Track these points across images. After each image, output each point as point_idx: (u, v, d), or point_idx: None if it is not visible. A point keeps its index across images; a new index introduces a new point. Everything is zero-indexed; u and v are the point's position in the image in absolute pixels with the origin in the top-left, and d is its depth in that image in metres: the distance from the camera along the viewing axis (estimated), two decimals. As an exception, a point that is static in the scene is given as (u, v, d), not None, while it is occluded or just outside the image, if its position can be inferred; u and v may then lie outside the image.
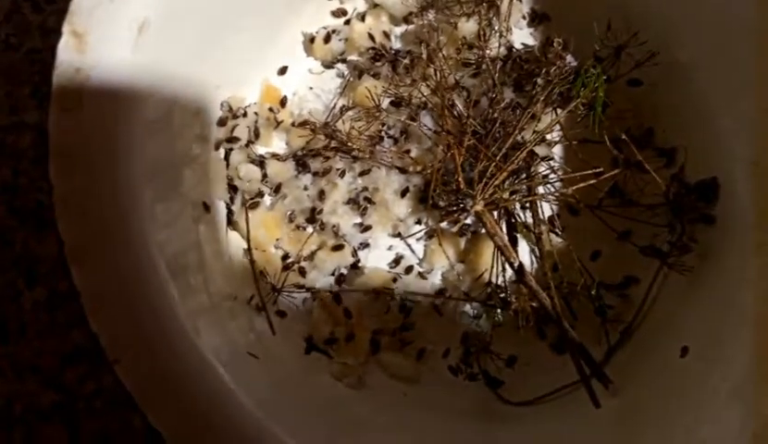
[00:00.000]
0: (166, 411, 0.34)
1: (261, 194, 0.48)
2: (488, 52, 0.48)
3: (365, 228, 0.49)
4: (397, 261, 0.50)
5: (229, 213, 0.47)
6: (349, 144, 0.48)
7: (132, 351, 0.33)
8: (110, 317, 0.34)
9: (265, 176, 0.48)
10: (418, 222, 0.50)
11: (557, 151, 0.50)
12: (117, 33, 0.35)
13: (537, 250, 0.49)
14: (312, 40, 0.50)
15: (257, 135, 0.49)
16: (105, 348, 0.33)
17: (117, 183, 0.35)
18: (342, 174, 0.49)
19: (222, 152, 0.48)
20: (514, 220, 0.49)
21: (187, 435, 0.34)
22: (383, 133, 0.49)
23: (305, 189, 0.49)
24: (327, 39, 0.50)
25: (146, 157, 0.37)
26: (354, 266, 0.49)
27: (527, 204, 0.49)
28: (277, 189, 0.48)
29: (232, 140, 0.47)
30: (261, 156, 0.49)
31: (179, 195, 0.41)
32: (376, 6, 0.50)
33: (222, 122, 0.47)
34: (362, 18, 0.50)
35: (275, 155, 0.49)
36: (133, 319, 0.34)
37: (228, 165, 0.48)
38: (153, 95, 0.37)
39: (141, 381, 0.33)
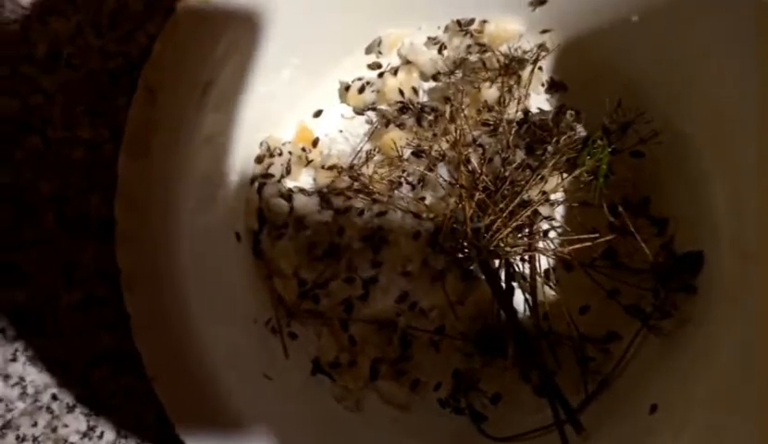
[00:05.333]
0: (192, 424, 0.38)
1: (286, 226, 0.52)
2: (505, 116, 0.52)
3: (377, 264, 0.53)
4: (402, 297, 0.53)
5: (256, 241, 0.51)
6: (370, 187, 0.52)
7: (168, 371, 0.38)
8: (152, 339, 0.38)
9: (291, 209, 0.52)
10: (425, 263, 0.53)
11: (559, 211, 0.54)
12: (184, 92, 0.39)
13: (530, 300, 0.52)
14: (347, 88, 0.54)
15: (288, 171, 0.52)
16: (146, 366, 0.37)
17: (167, 221, 0.39)
18: (361, 213, 0.52)
19: (256, 185, 0.51)
20: (512, 271, 0.53)
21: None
22: (402, 179, 0.53)
23: (326, 223, 0.52)
24: (361, 89, 0.53)
25: (193, 193, 0.41)
26: (363, 298, 0.53)
27: (527, 257, 0.53)
28: (300, 221, 0.52)
29: (267, 176, 0.51)
30: (290, 190, 0.52)
31: (216, 223, 0.45)
32: (408, 62, 0.54)
33: (260, 160, 0.51)
34: (395, 72, 0.54)
35: (302, 190, 0.53)
36: (171, 341, 0.39)
37: (260, 198, 0.51)
38: (208, 145, 0.41)
39: (174, 397, 0.38)
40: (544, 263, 0.54)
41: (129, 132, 0.37)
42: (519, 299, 0.53)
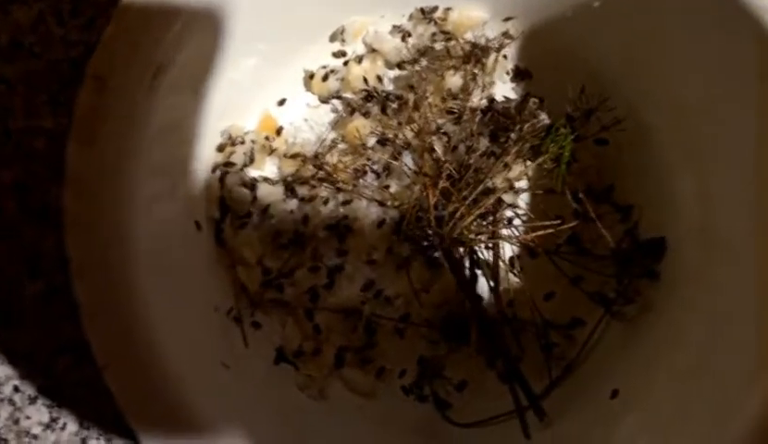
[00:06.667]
0: (143, 414, 0.38)
1: (249, 215, 0.52)
2: (470, 103, 0.52)
3: (342, 253, 0.53)
4: (368, 285, 0.53)
5: (218, 230, 0.51)
6: (335, 176, 0.52)
7: (119, 359, 0.38)
8: (102, 328, 0.38)
9: (254, 198, 0.52)
10: (390, 251, 0.53)
11: (524, 198, 0.54)
12: (135, 78, 0.39)
13: (495, 286, 0.53)
14: (312, 76, 0.54)
15: (252, 160, 0.52)
16: (96, 354, 0.38)
17: (120, 207, 0.39)
18: (326, 202, 0.52)
19: (218, 174, 0.51)
20: (476, 258, 0.53)
21: (160, 435, 0.39)
22: (367, 168, 0.53)
23: (291, 212, 0.52)
24: (325, 77, 0.53)
25: (148, 180, 0.41)
26: (328, 287, 0.53)
27: (491, 245, 0.53)
28: (265, 210, 0.52)
29: (229, 164, 0.51)
30: (253, 179, 0.52)
31: (175, 211, 0.46)
32: (373, 50, 0.54)
33: (221, 148, 0.51)
34: (359, 60, 0.54)
35: (266, 179, 0.53)
36: (122, 330, 0.39)
37: (222, 186, 0.51)
38: (165, 132, 0.41)
39: (124, 386, 0.38)
40: (509, 250, 0.54)
41: (76, 119, 0.37)
42: (485, 286, 0.53)
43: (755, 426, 0.40)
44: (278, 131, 0.54)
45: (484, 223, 0.52)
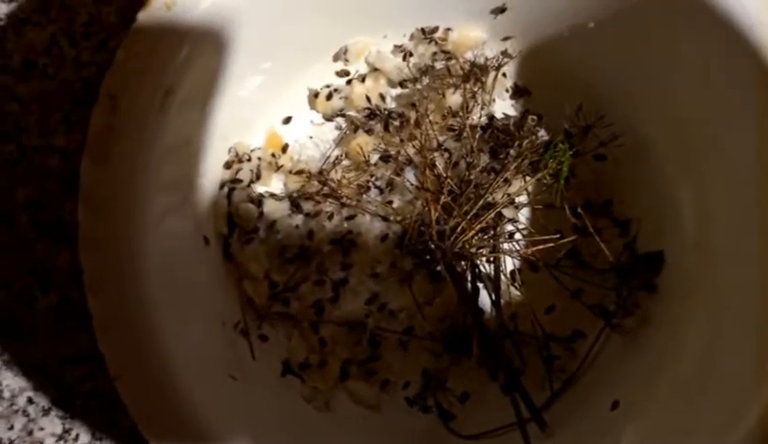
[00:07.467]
0: (155, 423, 0.39)
1: (256, 230, 0.53)
2: (470, 121, 0.54)
3: (346, 267, 0.54)
4: (372, 299, 0.54)
5: (226, 245, 0.52)
6: (339, 192, 0.53)
7: (130, 370, 0.39)
8: (115, 340, 0.39)
9: (261, 213, 0.53)
10: (394, 265, 0.54)
11: (524, 213, 0.55)
12: (146, 99, 0.41)
13: (496, 300, 0.54)
14: (316, 95, 0.55)
15: (258, 177, 0.53)
16: (108, 366, 0.39)
17: (132, 223, 0.40)
18: (331, 217, 0.54)
19: (225, 190, 0.52)
20: (478, 272, 0.54)
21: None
22: (370, 184, 0.54)
23: (297, 227, 0.53)
24: (329, 96, 0.55)
25: (159, 197, 0.42)
26: (333, 300, 0.54)
27: (492, 258, 0.54)
28: (271, 225, 0.53)
29: (236, 181, 0.52)
30: (260, 194, 0.53)
31: (185, 227, 0.47)
32: (376, 70, 0.55)
33: (228, 165, 0.52)
34: (362, 79, 0.55)
35: (272, 195, 0.54)
36: (134, 343, 0.40)
37: (229, 202, 0.52)
38: (174, 150, 0.42)
39: (136, 397, 0.39)
40: (510, 264, 0.55)
41: (90, 137, 0.39)
42: (487, 300, 0.54)
43: (755, 438, 0.41)
44: (284, 148, 0.55)
45: (485, 237, 0.53)
